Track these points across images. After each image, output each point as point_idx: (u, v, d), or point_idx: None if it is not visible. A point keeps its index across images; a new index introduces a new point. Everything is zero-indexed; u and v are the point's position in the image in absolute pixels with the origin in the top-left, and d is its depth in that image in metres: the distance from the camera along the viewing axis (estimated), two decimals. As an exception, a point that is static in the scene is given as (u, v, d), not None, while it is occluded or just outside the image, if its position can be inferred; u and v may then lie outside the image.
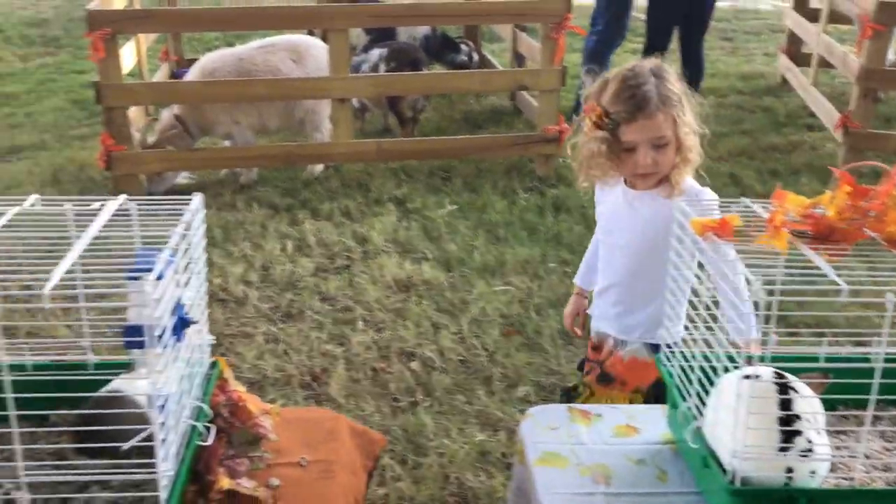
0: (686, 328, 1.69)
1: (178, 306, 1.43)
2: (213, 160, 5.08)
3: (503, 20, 6.03)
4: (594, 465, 1.72)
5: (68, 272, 1.33)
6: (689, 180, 2.13)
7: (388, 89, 5.22)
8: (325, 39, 5.11)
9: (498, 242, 4.29)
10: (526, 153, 5.25)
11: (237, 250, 4.16)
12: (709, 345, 1.56)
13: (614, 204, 2.21)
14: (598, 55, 5.78)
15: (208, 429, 1.55)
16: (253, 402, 1.73)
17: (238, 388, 1.75)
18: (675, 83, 2.08)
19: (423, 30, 6.38)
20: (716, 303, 1.57)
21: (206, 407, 1.59)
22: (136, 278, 1.30)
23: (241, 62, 4.97)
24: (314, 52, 5.09)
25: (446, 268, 4.02)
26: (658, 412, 1.87)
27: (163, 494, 1.35)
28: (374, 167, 5.17)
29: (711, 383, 1.54)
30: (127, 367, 1.65)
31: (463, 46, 6.63)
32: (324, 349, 3.37)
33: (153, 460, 1.33)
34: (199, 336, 1.64)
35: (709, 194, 2.09)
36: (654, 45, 5.76)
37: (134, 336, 1.30)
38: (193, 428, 1.54)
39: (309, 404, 3.01)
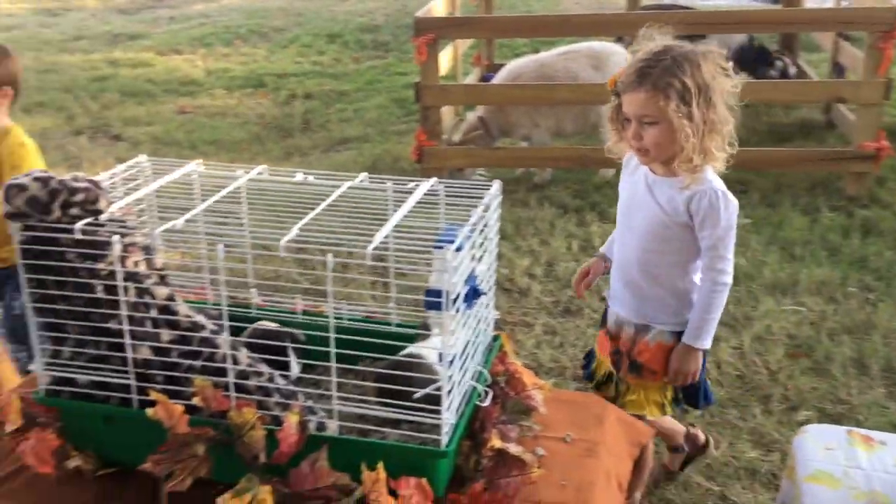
0: None
1: (472, 277, 1.61)
2: (512, 159, 5.37)
3: (826, 28, 5.64)
4: (871, 493, 1.64)
5: (383, 240, 1.56)
6: (708, 177, 2.07)
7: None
8: (630, 46, 5.16)
9: (792, 261, 4.07)
10: (836, 170, 4.90)
11: (525, 245, 4.38)
12: None
13: (635, 185, 2.21)
14: None
15: (487, 393, 1.72)
16: (527, 376, 1.87)
17: (516, 362, 1.90)
18: (701, 75, 1.97)
19: (738, 38, 6.05)
20: None
21: (486, 372, 1.76)
22: (440, 248, 1.49)
23: (542, 68, 5.19)
24: (615, 59, 5.16)
25: (733, 281, 3.89)
26: (954, 450, 1.73)
27: (443, 439, 1.53)
28: (666, 175, 5.13)
29: None
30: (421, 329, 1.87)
31: (777, 62, 6.21)
32: (599, 346, 3.45)
33: (439, 408, 1.51)
34: (487, 309, 1.81)
35: (727, 198, 2.06)
36: None
37: (433, 298, 1.49)
38: (474, 389, 1.71)
39: (579, 396, 3.12)
